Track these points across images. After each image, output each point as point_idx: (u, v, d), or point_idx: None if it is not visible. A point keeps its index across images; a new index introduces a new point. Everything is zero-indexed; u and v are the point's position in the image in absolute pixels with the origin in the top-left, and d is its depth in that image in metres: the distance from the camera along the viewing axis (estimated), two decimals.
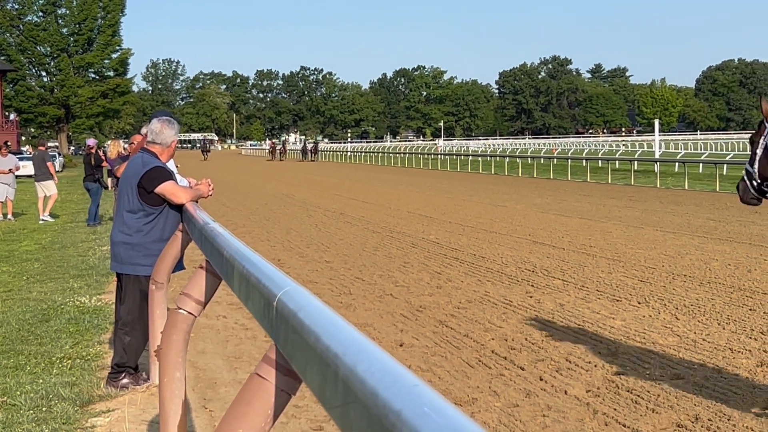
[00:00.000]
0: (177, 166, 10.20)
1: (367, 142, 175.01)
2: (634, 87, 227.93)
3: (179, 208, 8.07)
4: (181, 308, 5.21)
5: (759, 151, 7.62)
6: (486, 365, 9.49)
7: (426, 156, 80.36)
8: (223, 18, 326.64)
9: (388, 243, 20.62)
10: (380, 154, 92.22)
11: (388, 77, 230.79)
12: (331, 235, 22.13)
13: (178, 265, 8.12)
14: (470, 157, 70.72)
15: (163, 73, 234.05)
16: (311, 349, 2.42)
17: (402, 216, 27.25)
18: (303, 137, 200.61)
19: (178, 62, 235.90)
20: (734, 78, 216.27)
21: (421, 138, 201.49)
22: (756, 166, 7.64)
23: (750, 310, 12.01)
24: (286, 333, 2.77)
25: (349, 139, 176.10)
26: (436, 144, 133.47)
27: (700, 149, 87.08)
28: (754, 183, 7.66)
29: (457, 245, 19.81)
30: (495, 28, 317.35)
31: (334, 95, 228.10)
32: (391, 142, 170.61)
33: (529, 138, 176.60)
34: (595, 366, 9.29)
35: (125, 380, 8.52)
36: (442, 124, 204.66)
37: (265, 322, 3.11)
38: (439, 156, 78.28)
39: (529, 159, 61.68)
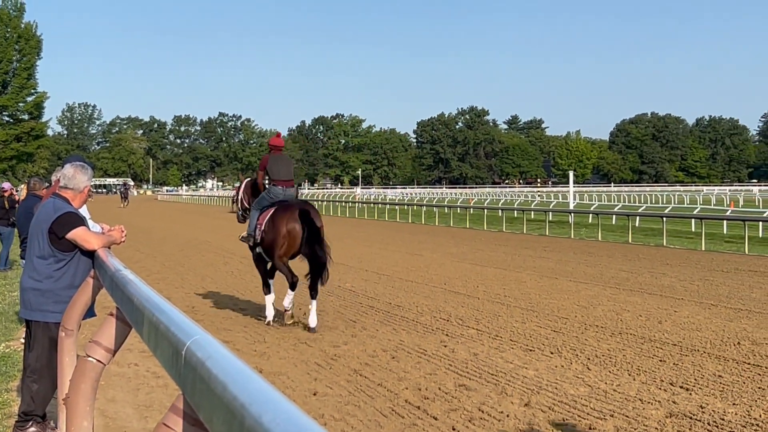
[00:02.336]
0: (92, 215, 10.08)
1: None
2: (549, 138, 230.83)
3: (91, 255, 7.96)
4: (90, 356, 5.14)
5: None
6: (399, 414, 9.48)
7: (344, 204, 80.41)
8: (141, 62, 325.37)
9: (304, 291, 20.51)
10: None
11: (307, 124, 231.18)
12: (247, 283, 21.99)
13: (89, 312, 8.00)
14: (387, 206, 70.92)
15: (79, 117, 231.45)
16: (218, 398, 2.41)
17: None
18: (220, 183, 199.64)
19: (94, 106, 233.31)
20: (647, 131, 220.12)
21: (339, 186, 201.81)
22: None
23: (660, 360, 12.17)
24: (193, 382, 2.75)
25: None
26: (354, 192, 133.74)
27: (614, 201, 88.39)
28: None
29: (373, 294, 19.82)
30: (413, 77, 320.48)
31: (252, 142, 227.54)
32: (309, 189, 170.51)
33: (446, 187, 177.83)
34: (508, 416, 9.33)
35: (32, 429, 8.34)
36: (360, 172, 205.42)
37: (173, 371, 3.08)
38: (357, 204, 78.44)
39: (445, 208, 62.02)
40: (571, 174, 66.84)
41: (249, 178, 17.66)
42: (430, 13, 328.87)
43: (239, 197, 17.36)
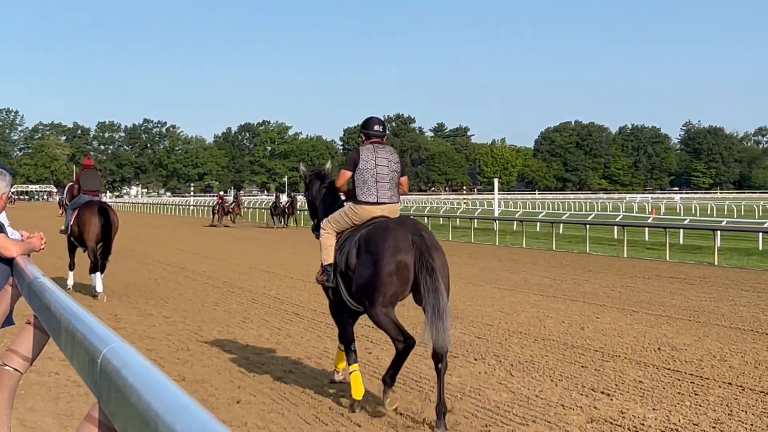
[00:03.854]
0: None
1: (210, 196, 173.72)
2: (475, 146, 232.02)
3: (9, 262, 7.84)
4: (6, 365, 5.07)
5: None
6: (323, 422, 9.47)
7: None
8: (64, 67, 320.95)
9: (229, 298, 20.47)
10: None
11: (233, 131, 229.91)
12: (171, 290, 21.84)
13: (7, 321, 7.87)
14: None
15: (1, 123, 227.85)
16: (132, 407, 2.39)
17: (243, 271, 27.09)
18: (144, 190, 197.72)
19: (16, 112, 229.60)
20: (571, 139, 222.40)
21: (266, 193, 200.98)
22: None
23: (582, 366, 12.31)
24: (109, 390, 2.72)
25: (192, 193, 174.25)
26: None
27: (538, 208, 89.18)
28: None
29: (299, 301, 19.81)
30: (340, 84, 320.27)
31: (177, 148, 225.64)
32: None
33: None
34: (432, 423, 9.36)
35: None
36: (286, 179, 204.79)
37: (90, 379, 3.05)
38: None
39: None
40: (496, 181, 67.32)
41: (71, 184, 23.07)
42: (356, 20, 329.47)
43: (64, 198, 22.96)
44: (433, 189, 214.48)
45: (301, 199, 59.46)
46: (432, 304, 9.85)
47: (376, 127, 11.03)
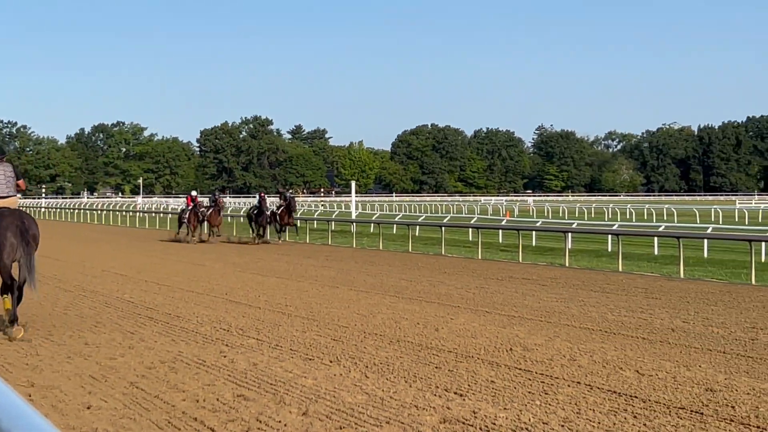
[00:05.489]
0: None
1: (63, 198, 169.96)
2: (333, 149, 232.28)
3: None
4: None
5: None
6: (176, 426, 9.36)
7: (124, 213, 78.84)
8: None
9: (80, 302, 20.07)
10: (76, 211, 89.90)
11: (86, 132, 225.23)
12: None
13: None
14: (170, 215, 69.92)
15: None
16: None
17: (96, 274, 26.61)
18: None
19: None
20: (428, 142, 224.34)
21: (120, 195, 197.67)
22: None
23: (436, 367, 12.43)
24: None
25: (43, 195, 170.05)
26: (135, 201, 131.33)
27: (395, 211, 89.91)
28: None
29: (152, 304, 19.53)
30: (196, 85, 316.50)
31: (28, 149, 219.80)
32: (88, 198, 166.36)
33: (230, 196, 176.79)
34: (286, 426, 9.34)
35: None
36: (141, 181, 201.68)
37: None
38: (138, 213, 76.98)
39: (229, 218, 61.54)
40: (353, 184, 67.61)
41: None
42: (212, 20, 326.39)
43: None
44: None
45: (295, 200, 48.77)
46: (26, 263, 15.45)
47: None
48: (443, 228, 38.87)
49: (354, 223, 49.40)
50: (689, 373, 11.96)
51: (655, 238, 35.57)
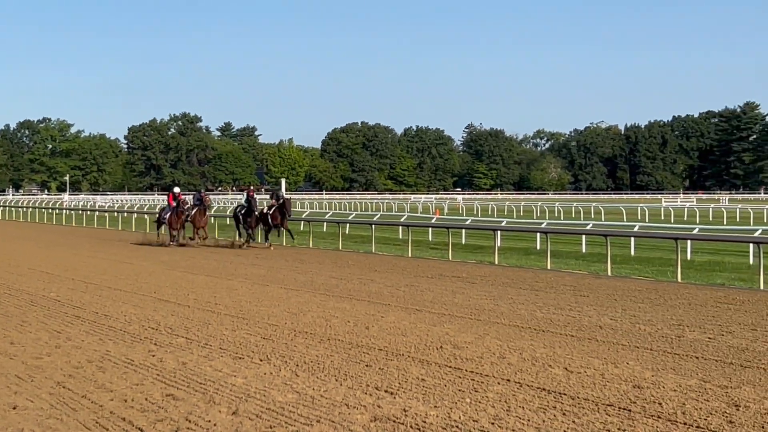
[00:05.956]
0: None
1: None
2: (262, 146, 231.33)
3: None
4: None
5: None
6: (103, 426, 9.25)
7: (50, 210, 77.74)
8: None
9: (6, 301, 19.78)
10: (1, 208, 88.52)
11: (12, 128, 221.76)
12: None
13: None
14: (97, 213, 69.13)
15: None
16: None
17: (22, 272, 26.24)
18: None
19: None
20: (358, 140, 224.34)
21: (46, 192, 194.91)
22: None
23: (366, 366, 12.43)
24: None
25: None
26: (61, 198, 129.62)
27: (325, 208, 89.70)
28: None
29: (80, 303, 19.31)
30: (124, 82, 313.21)
31: None
32: (13, 195, 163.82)
33: (158, 194, 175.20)
34: (215, 425, 9.28)
35: None
36: (68, 178, 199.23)
37: None
38: (65, 211, 75.94)
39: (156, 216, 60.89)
40: (283, 181, 67.61)
41: None
42: (141, 16, 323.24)
43: None
44: (219, 189, 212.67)
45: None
46: None
47: None
48: (373, 226, 38.86)
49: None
50: (617, 370, 12.09)
51: (583, 236, 35.93)
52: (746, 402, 10.20)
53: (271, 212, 38.57)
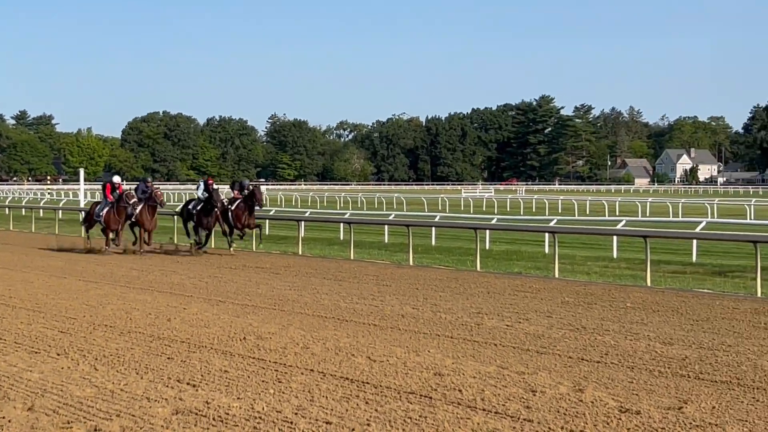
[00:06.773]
0: None
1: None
2: (60, 135, 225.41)
3: None
4: None
5: None
6: None
7: None
8: None
9: None
10: None
11: None
12: None
13: None
14: None
15: None
16: None
17: None
18: None
19: None
20: (159, 130, 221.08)
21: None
22: None
23: (168, 358, 12.25)
24: None
25: None
26: None
27: None
28: None
29: None
30: None
31: None
32: None
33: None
34: (10, 422, 8.99)
35: None
36: None
37: None
38: None
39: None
40: (82, 171, 65.84)
41: None
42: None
43: None
44: (15, 179, 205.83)
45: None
46: None
47: None
48: (175, 217, 38.31)
49: (82, 212, 47.93)
50: (419, 358, 12.26)
51: (386, 227, 36.33)
52: (542, 387, 10.50)
53: (233, 208, 30.64)
